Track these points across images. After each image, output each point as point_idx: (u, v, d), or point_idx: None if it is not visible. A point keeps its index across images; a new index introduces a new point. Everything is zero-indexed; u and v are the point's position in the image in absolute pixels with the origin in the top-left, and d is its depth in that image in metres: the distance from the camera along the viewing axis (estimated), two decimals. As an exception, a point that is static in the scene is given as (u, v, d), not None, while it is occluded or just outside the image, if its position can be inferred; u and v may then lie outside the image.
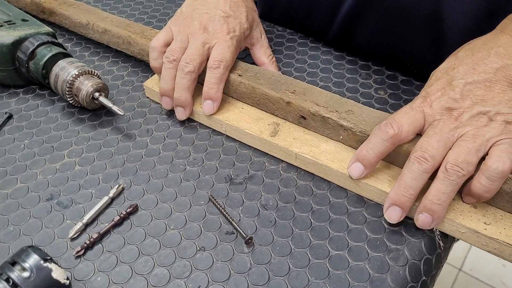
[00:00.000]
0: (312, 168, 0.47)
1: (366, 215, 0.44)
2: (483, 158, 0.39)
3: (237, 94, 0.53)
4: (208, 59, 0.52)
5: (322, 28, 0.64)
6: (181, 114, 0.53)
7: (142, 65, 0.63)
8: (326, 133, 0.49)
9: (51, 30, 0.59)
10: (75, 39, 0.68)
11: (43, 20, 0.70)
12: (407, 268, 0.40)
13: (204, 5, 0.54)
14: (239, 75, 0.52)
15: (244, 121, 0.51)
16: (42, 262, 0.35)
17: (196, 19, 0.53)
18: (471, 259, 1.41)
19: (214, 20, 0.53)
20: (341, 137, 0.48)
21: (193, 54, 0.51)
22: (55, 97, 0.58)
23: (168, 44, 0.53)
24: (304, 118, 0.49)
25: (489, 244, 0.40)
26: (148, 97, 0.57)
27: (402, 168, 0.42)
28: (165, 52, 0.53)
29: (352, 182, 0.45)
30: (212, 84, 0.50)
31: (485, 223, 0.41)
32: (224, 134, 0.52)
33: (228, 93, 0.54)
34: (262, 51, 0.57)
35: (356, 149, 0.46)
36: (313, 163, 0.47)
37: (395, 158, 0.45)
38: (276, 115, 0.52)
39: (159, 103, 0.56)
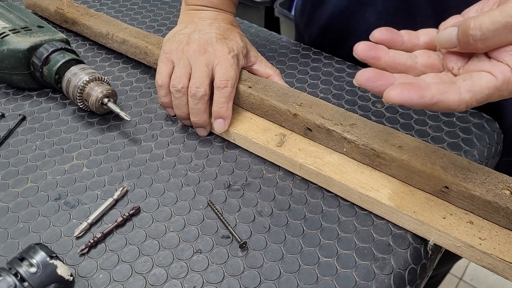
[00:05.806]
0: (315, 179, 0.49)
1: (356, 224, 0.46)
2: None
3: (247, 105, 0.55)
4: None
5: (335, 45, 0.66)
6: (202, 132, 0.55)
7: (150, 72, 0.65)
8: (331, 145, 0.50)
9: (64, 37, 0.62)
10: (88, 44, 0.71)
11: (65, 29, 0.73)
12: (392, 277, 0.42)
13: (196, 30, 0.56)
14: (249, 87, 0.54)
15: (252, 131, 0.53)
16: (48, 259, 0.38)
17: (194, 43, 0.54)
18: (472, 268, 1.41)
19: (212, 42, 0.54)
20: (345, 149, 0.49)
21: (201, 77, 0.52)
22: (67, 101, 0.61)
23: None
24: (310, 130, 0.51)
25: (484, 259, 0.41)
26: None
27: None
28: None
29: (354, 194, 0.47)
30: (222, 103, 0.52)
31: (480, 238, 0.42)
32: (225, 142, 0.55)
33: (238, 104, 0.56)
34: (263, 65, 0.59)
35: (359, 162, 0.48)
36: (316, 174, 0.49)
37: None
38: (283, 126, 0.53)
39: (164, 110, 0.59)
